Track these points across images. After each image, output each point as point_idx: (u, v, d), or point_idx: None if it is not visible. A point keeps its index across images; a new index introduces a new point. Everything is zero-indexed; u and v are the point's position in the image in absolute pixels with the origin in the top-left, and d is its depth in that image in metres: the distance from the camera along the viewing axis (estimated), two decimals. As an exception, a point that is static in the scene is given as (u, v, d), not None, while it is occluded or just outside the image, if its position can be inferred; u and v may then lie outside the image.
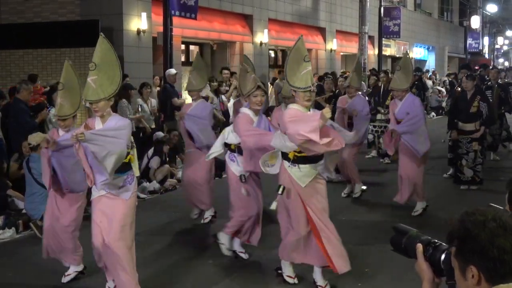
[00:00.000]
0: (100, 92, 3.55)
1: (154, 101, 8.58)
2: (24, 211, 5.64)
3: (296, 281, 3.89)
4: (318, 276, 3.82)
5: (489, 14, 31.84)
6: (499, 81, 10.65)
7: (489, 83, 9.35)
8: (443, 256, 1.49)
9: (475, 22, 28.89)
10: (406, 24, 21.06)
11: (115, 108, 6.71)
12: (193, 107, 5.63)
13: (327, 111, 3.54)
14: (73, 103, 4.05)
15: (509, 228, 1.35)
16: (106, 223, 3.57)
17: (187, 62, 12.06)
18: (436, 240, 1.54)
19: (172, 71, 8.63)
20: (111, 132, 3.58)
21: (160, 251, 4.94)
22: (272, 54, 16.30)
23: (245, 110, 4.39)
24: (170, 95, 8.27)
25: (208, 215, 5.58)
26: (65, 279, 4.02)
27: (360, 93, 7.46)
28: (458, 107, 7.18)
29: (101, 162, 3.39)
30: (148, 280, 4.07)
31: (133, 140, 3.86)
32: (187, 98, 8.36)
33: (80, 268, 4.09)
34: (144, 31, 9.85)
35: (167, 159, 7.72)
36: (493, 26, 34.29)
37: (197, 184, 5.45)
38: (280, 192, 3.70)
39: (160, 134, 7.82)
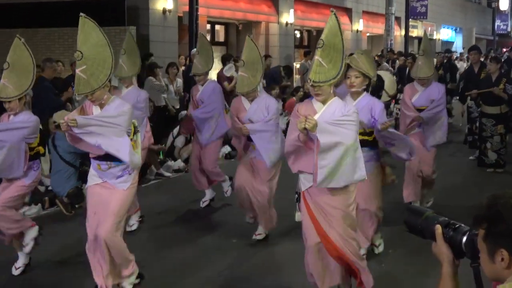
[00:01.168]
0: (92, 83, 3.24)
1: (180, 81, 8.53)
2: (50, 188, 5.68)
3: None
4: None
5: None
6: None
7: None
8: (464, 238, 1.45)
9: (504, 3, 28.85)
10: (433, 5, 20.66)
11: (141, 85, 6.68)
12: (200, 92, 5.42)
13: (308, 118, 2.91)
14: (20, 84, 3.73)
15: None
16: (101, 215, 3.34)
17: (212, 42, 12.01)
18: (455, 222, 1.51)
19: (194, 50, 8.57)
20: (109, 119, 3.27)
21: (184, 228, 4.98)
22: (298, 34, 16.02)
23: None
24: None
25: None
26: None
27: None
28: (480, 88, 7.05)
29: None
30: (171, 257, 4.12)
31: (136, 125, 3.58)
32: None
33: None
34: (170, 11, 9.89)
35: (192, 138, 7.74)
36: None
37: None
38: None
39: (184, 113, 7.78)
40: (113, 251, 3.37)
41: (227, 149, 7.90)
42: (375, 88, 5.41)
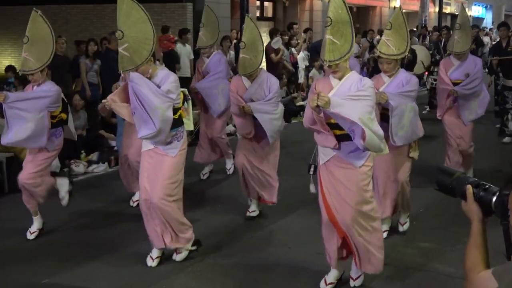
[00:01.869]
0: (136, 59, 3.27)
1: (232, 53, 9.38)
2: (115, 148, 6.25)
3: None
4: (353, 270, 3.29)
5: None
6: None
7: None
8: (494, 198, 1.49)
9: None
10: None
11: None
12: (206, 64, 5.48)
13: (320, 95, 2.77)
14: (40, 56, 3.81)
15: None
16: (153, 179, 3.42)
17: (261, 17, 12.80)
18: (485, 183, 1.54)
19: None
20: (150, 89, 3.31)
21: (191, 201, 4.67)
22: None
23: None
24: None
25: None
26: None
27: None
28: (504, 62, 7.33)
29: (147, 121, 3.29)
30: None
31: (187, 93, 3.69)
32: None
33: None
34: None
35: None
36: None
37: None
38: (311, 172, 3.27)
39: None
40: (166, 215, 3.43)
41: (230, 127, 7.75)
42: (409, 63, 5.53)
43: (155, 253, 3.58)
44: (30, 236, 4.05)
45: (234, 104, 4.29)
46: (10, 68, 8.09)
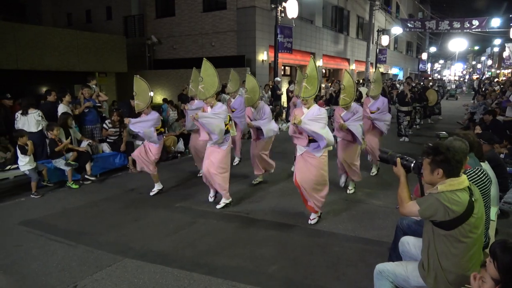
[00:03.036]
0: (206, 94, 5.55)
1: (269, 93, 16.31)
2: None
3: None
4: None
5: (430, 52, 54.96)
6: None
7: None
8: (412, 164, 2.86)
9: (424, 55, 49.44)
10: (389, 56, 35.44)
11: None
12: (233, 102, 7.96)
13: (296, 117, 4.86)
14: (144, 100, 6.05)
15: (459, 149, 2.73)
16: (211, 161, 5.73)
17: (284, 74, 21.84)
18: (406, 156, 2.84)
19: (278, 79, 16.66)
20: (213, 114, 5.55)
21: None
22: (324, 71, 26.24)
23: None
24: (275, 89, 16.04)
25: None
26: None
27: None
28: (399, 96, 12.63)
29: (212, 132, 5.51)
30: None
31: (230, 114, 5.91)
32: (283, 92, 16.86)
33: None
34: (264, 60, 19.14)
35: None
36: (433, 58, 62.46)
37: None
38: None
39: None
40: (216, 185, 5.85)
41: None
42: (358, 98, 10.56)
43: (212, 192, 6.28)
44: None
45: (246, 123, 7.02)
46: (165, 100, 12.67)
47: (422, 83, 21.53)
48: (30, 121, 7.42)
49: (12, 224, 5.59)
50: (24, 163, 6.79)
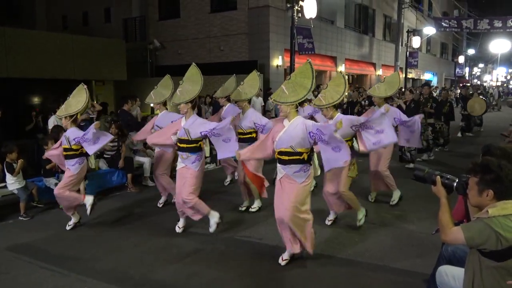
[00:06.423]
0: (180, 98, 5.57)
1: (260, 99, 15.89)
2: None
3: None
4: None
5: (468, 55, 55.54)
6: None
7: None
8: (455, 183, 2.81)
9: (461, 59, 50.29)
10: (421, 60, 34.35)
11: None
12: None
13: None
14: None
15: None
16: (183, 184, 5.68)
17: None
18: (446, 174, 2.83)
19: None
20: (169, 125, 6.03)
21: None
22: (347, 76, 26.78)
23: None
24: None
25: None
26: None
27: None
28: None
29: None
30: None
31: (205, 131, 5.48)
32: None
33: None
34: (279, 66, 19.76)
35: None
36: (472, 61, 61.51)
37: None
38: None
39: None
40: (189, 205, 5.72)
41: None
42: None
43: (181, 223, 6.12)
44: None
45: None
46: None
47: (459, 91, 21.46)
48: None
49: (-2, 249, 5.63)
50: (13, 181, 6.90)
